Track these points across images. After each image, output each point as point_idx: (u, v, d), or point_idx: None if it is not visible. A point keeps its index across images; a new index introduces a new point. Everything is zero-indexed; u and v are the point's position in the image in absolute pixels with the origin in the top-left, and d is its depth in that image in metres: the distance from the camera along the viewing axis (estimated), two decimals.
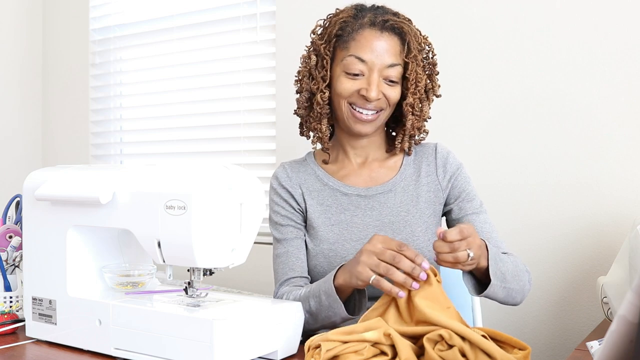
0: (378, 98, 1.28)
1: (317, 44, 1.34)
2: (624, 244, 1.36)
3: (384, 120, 1.33)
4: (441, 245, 1.05)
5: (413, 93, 1.30)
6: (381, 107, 1.30)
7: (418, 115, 1.33)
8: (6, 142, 2.74)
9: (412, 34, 1.30)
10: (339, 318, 1.15)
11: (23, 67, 2.80)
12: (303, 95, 1.36)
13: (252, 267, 1.48)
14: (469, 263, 1.07)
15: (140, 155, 2.61)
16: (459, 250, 1.05)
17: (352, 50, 1.28)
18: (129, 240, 1.20)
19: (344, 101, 1.30)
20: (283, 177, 1.40)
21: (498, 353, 0.90)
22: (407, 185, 1.35)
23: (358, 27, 1.29)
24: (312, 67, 1.34)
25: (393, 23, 1.29)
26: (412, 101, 1.31)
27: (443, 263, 1.07)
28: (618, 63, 1.68)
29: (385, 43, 1.28)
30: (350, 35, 1.29)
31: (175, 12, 2.45)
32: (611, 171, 1.69)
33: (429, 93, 1.35)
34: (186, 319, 0.99)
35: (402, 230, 1.31)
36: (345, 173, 1.38)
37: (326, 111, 1.35)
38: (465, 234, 1.06)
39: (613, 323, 0.46)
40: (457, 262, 1.06)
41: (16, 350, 1.13)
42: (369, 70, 1.28)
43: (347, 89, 1.29)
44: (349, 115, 1.31)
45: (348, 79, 1.29)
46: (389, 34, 1.29)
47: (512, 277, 1.21)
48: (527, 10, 1.79)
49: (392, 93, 1.30)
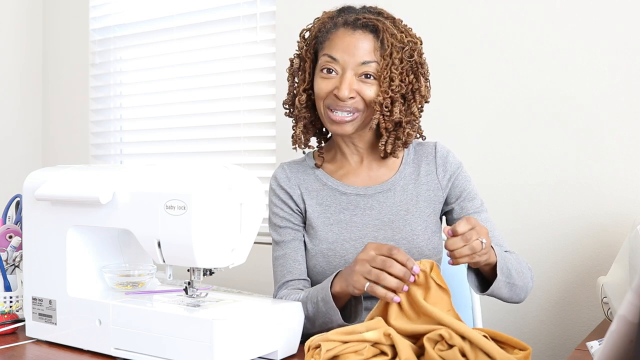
0: (350, 97, 1.26)
1: (300, 46, 1.36)
2: (624, 244, 1.36)
3: (362, 119, 1.30)
4: (454, 242, 1.05)
5: (384, 91, 1.26)
6: (356, 108, 1.28)
7: (387, 115, 1.28)
8: (6, 142, 2.74)
9: (387, 32, 1.27)
10: (336, 324, 1.15)
11: (23, 67, 2.80)
12: (287, 98, 1.39)
13: (252, 267, 1.48)
14: (483, 251, 1.07)
15: (140, 155, 2.61)
16: (472, 240, 1.05)
17: (326, 49, 1.29)
18: (129, 240, 1.20)
19: (321, 103, 1.30)
20: (282, 178, 1.40)
21: (498, 353, 0.90)
22: (406, 184, 1.35)
23: (332, 27, 1.30)
24: (294, 70, 1.36)
25: (366, 21, 1.27)
26: (382, 100, 1.26)
27: (460, 259, 1.06)
28: (618, 63, 1.68)
29: (358, 41, 1.26)
30: (325, 36, 1.30)
31: (175, 12, 2.46)
32: (611, 171, 1.69)
33: (415, 93, 1.30)
34: (186, 319, 0.99)
35: (402, 229, 1.31)
36: (344, 173, 1.38)
37: (304, 114, 1.35)
38: (473, 223, 1.06)
39: (613, 323, 0.46)
40: (474, 252, 1.05)
41: (16, 350, 1.13)
42: (341, 69, 1.27)
43: (322, 89, 1.29)
44: (326, 117, 1.30)
45: (323, 78, 1.29)
46: (362, 32, 1.27)
47: (517, 274, 1.22)
48: (527, 10, 1.79)
49: (367, 91, 1.27)
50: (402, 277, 1.02)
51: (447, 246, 1.06)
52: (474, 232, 1.05)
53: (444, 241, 1.10)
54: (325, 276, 1.29)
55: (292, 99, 1.38)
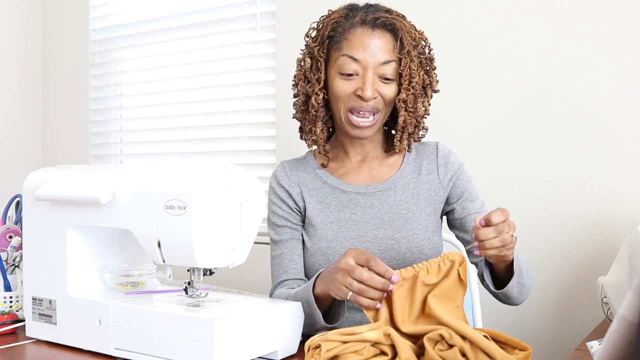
0: (374, 97, 1.26)
1: (310, 46, 1.33)
2: (624, 244, 1.36)
3: (382, 121, 1.32)
4: (487, 232, 1.03)
5: (406, 89, 1.28)
6: (377, 108, 1.28)
7: (412, 112, 1.30)
8: (6, 142, 2.74)
9: (404, 30, 1.28)
10: (319, 326, 1.16)
11: (23, 67, 2.80)
12: (299, 99, 1.36)
13: (252, 267, 1.48)
14: (511, 245, 1.05)
15: (140, 155, 2.61)
16: (504, 232, 1.03)
17: (345, 50, 1.27)
18: (129, 240, 1.20)
19: (342, 106, 1.29)
20: (282, 176, 1.40)
21: (498, 353, 0.91)
22: (407, 183, 1.35)
23: (349, 26, 1.29)
24: (306, 70, 1.33)
25: (384, 20, 1.28)
26: (406, 97, 1.28)
27: (490, 251, 1.04)
28: (618, 63, 1.68)
29: (377, 40, 1.27)
30: (342, 36, 1.29)
31: (175, 12, 2.45)
32: (611, 171, 1.69)
33: (427, 89, 1.33)
34: (186, 319, 0.99)
35: (402, 228, 1.31)
36: (345, 171, 1.38)
37: (321, 114, 1.33)
38: (507, 215, 1.04)
39: (613, 323, 0.46)
40: (504, 245, 1.04)
41: (16, 350, 1.13)
42: (363, 69, 1.27)
43: (343, 90, 1.28)
44: (347, 122, 1.29)
45: (343, 80, 1.28)
46: (381, 31, 1.27)
47: (526, 273, 1.23)
48: (527, 10, 1.79)
49: (387, 91, 1.28)
50: (382, 289, 1.03)
51: (478, 236, 1.04)
52: (506, 225, 1.04)
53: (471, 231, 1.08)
54: None
55: (305, 99, 1.35)
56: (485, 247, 1.04)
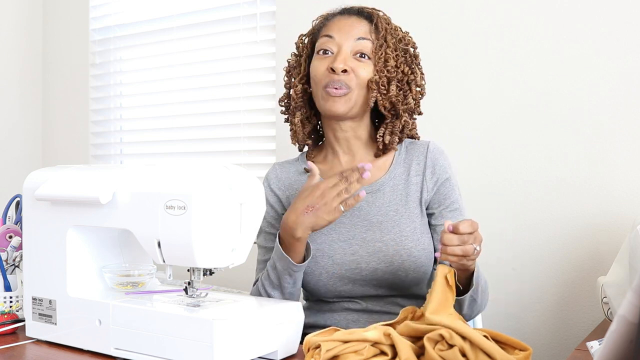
0: (344, 70, 1.28)
1: (297, 45, 1.41)
2: (624, 244, 1.36)
3: (359, 103, 1.31)
4: (451, 238, 1.05)
5: (380, 71, 1.30)
6: (348, 85, 1.28)
7: (384, 94, 1.30)
8: (6, 142, 2.74)
9: (381, 19, 1.33)
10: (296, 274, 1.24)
11: (23, 67, 2.80)
12: (284, 94, 1.42)
13: (252, 267, 1.48)
14: (473, 257, 1.08)
15: (140, 155, 2.61)
16: (467, 243, 1.05)
17: (323, 32, 1.34)
18: (129, 240, 1.20)
19: (320, 86, 1.31)
20: (272, 179, 1.42)
21: (498, 353, 0.90)
22: (396, 184, 1.35)
23: (330, 17, 1.37)
24: (291, 67, 1.41)
25: (362, 9, 1.35)
26: (378, 79, 1.30)
27: (449, 257, 1.06)
28: (618, 63, 1.68)
29: (354, 22, 1.33)
30: (323, 24, 1.37)
31: (175, 12, 2.45)
32: (611, 171, 1.69)
33: (411, 84, 1.34)
34: (186, 319, 0.99)
35: (391, 230, 1.30)
36: (334, 173, 1.37)
37: (300, 104, 1.37)
38: (475, 227, 1.06)
39: (613, 323, 0.46)
40: (465, 255, 1.06)
41: (16, 350, 1.13)
42: (337, 47, 1.30)
43: (318, 68, 1.31)
44: (322, 98, 1.31)
45: (319, 59, 1.32)
46: (357, 17, 1.34)
47: (482, 291, 1.23)
48: (527, 10, 1.79)
49: (361, 71, 1.29)
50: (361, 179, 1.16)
51: (442, 240, 1.06)
52: (472, 237, 1.06)
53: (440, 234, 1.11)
54: (314, 276, 1.31)
55: (287, 93, 1.41)
56: (447, 252, 1.06)
